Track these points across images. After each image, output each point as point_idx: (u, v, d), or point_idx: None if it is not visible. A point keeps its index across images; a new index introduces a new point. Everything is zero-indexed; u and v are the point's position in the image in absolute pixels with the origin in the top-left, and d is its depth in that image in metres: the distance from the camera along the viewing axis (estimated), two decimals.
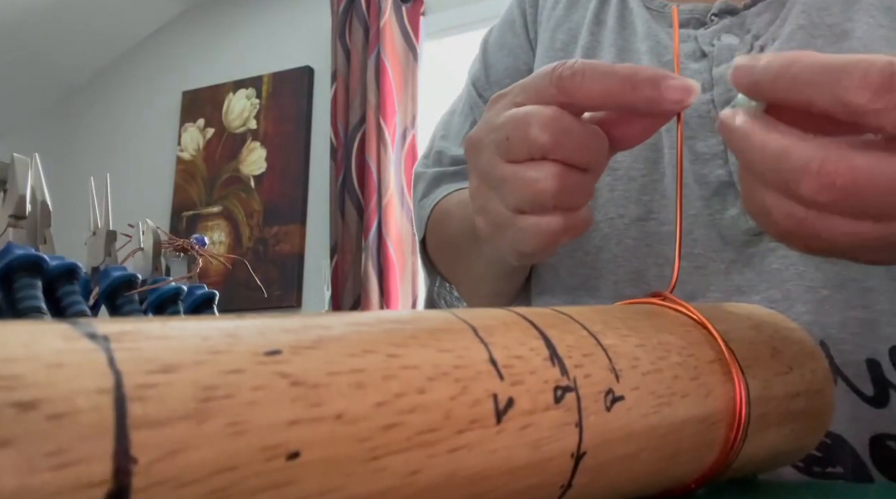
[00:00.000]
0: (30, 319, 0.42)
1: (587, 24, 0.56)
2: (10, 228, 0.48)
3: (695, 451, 0.25)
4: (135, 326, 0.15)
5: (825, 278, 0.43)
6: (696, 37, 0.50)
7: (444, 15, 2.40)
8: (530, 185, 0.32)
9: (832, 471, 0.41)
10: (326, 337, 0.17)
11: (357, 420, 0.16)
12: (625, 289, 0.49)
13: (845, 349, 0.42)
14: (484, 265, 0.50)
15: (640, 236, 0.49)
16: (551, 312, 0.24)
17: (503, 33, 0.64)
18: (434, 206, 0.59)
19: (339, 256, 2.22)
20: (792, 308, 0.43)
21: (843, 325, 0.42)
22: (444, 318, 0.21)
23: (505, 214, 0.34)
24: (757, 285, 0.45)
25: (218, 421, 0.14)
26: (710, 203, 0.47)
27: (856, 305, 0.42)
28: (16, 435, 0.11)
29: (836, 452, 0.41)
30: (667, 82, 0.30)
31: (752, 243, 0.46)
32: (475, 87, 0.63)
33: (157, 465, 0.13)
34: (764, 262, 0.45)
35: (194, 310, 0.59)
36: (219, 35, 2.80)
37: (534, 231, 0.33)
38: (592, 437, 0.21)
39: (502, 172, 0.33)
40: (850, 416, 0.41)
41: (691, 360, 0.25)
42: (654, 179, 0.49)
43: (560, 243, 0.34)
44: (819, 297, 0.43)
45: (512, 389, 0.19)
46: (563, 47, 0.57)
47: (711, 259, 0.46)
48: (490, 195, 0.35)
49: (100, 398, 0.12)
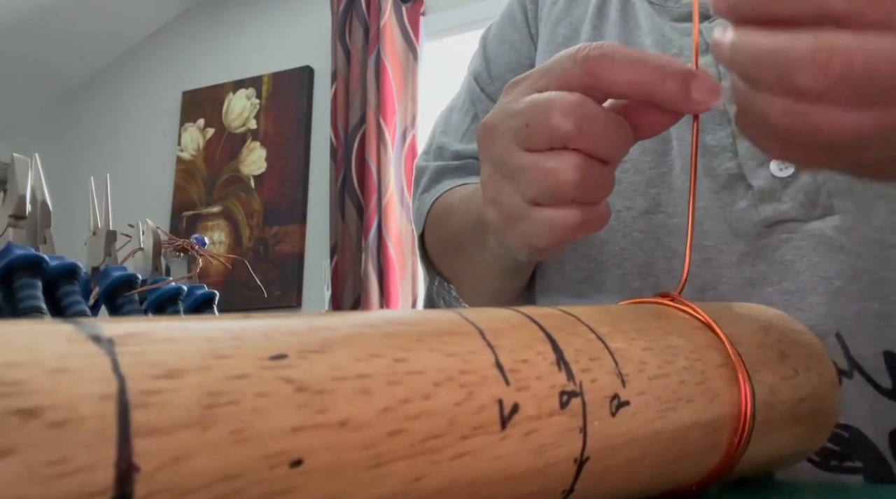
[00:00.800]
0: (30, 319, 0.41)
1: (589, 17, 0.56)
2: (10, 228, 0.48)
3: (698, 455, 0.25)
4: (139, 328, 0.15)
5: (839, 269, 0.42)
6: (701, 30, 0.49)
7: (444, 15, 2.39)
8: (550, 175, 0.30)
9: (850, 465, 0.41)
10: (332, 340, 0.17)
11: (361, 427, 0.16)
12: (633, 282, 0.48)
13: (861, 342, 0.41)
14: (488, 262, 0.48)
15: (648, 229, 0.48)
16: (558, 312, 0.24)
17: (503, 29, 0.64)
18: (434, 201, 0.58)
19: (339, 256, 2.22)
20: (806, 300, 0.43)
21: (858, 316, 0.42)
22: (452, 319, 0.21)
23: (519, 205, 0.32)
24: (769, 277, 0.44)
25: (222, 428, 0.14)
26: (720, 196, 0.46)
27: (871, 297, 0.42)
28: (18, 444, 0.11)
29: (854, 446, 0.41)
30: (697, 82, 0.29)
31: (763, 235, 0.45)
32: (477, 81, 0.63)
33: (159, 473, 0.13)
34: (776, 253, 0.44)
35: (194, 310, 0.59)
36: (219, 35, 2.80)
37: (549, 224, 0.32)
38: (596, 442, 0.21)
39: (520, 160, 0.31)
40: (868, 410, 0.41)
41: (698, 364, 0.25)
42: (662, 171, 0.49)
43: (574, 239, 0.33)
44: (833, 288, 0.42)
45: (518, 394, 0.19)
46: (564, 41, 0.57)
47: (722, 252, 0.46)
48: (504, 185, 0.33)
49: (103, 405, 0.12)
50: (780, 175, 0.45)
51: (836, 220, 0.43)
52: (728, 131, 0.46)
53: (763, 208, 0.45)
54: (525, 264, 0.50)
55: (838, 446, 0.41)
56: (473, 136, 0.61)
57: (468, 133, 0.62)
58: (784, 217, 0.44)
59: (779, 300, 0.43)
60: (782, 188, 0.45)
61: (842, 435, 0.41)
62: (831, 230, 0.43)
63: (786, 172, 0.45)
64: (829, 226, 0.43)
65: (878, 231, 0.42)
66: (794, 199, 0.44)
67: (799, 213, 0.44)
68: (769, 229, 0.45)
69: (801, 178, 0.44)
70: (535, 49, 0.61)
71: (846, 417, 0.41)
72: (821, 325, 0.42)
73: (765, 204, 0.45)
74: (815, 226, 0.43)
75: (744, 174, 0.46)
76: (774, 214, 0.44)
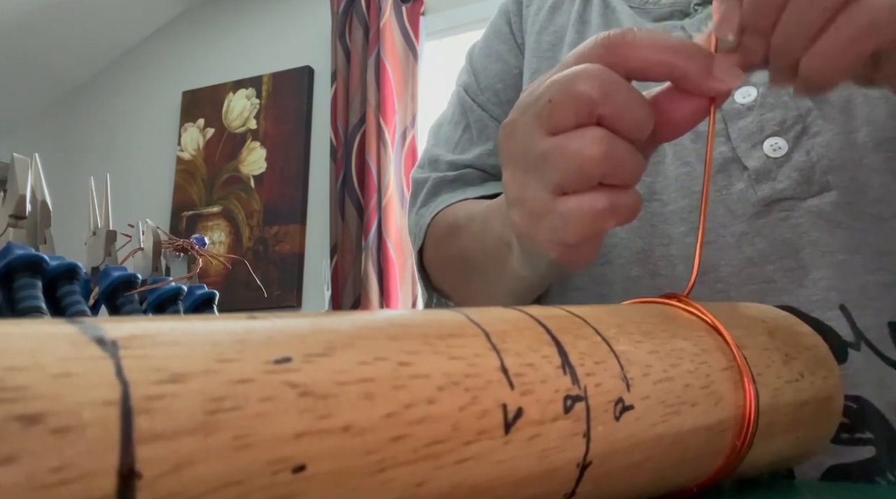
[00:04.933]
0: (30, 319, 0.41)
1: (572, 24, 0.57)
2: (10, 228, 0.48)
3: (700, 458, 0.25)
4: (143, 330, 0.14)
5: (839, 244, 0.43)
6: (682, 26, 0.51)
7: (444, 15, 2.39)
8: (575, 154, 0.29)
9: (861, 437, 0.41)
10: (337, 343, 0.17)
11: (364, 432, 0.16)
12: (631, 270, 0.49)
13: (866, 314, 0.42)
14: (508, 284, 0.46)
15: (644, 217, 0.49)
16: (564, 313, 0.24)
17: (490, 42, 0.65)
18: (434, 216, 0.58)
19: (339, 256, 2.21)
20: (808, 276, 0.43)
21: (861, 289, 0.42)
22: (457, 321, 0.20)
23: (544, 198, 0.31)
24: (770, 256, 0.45)
25: (225, 434, 0.13)
26: (715, 180, 0.47)
27: (873, 269, 0.42)
28: (20, 451, 0.11)
29: (864, 417, 0.41)
30: (718, 61, 0.29)
31: (761, 215, 0.45)
32: (467, 92, 0.64)
33: (162, 480, 0.12)
34: (775, 232, 0.45)
35: (194, 310, 0.59)
36: (219, 35, 2.80)
37: (577, 214, 0.30)
38: (599, 447, 0.21)
39: (542, 146, 0.30)
40: (876, 381, 0.41)
41: (703, 367, 0.25)
42: (656, 160, 0.50)
43: (605, 230, 0.31)
44: (835, 261, 0.43)
45: (522, 399, 0.19)
46: (549, 48, 0.58)
47: (720, 234, 0.46)
48: (527, 181, 0.32)
49: (106, 411, 0.12)
50: (773, 155, 0.46)
51: (833, 195, 0.44)
52: (719, 116, 0.47)
53: (760, 188, 0.46)
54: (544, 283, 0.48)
55: (849, 419, 0.41)
56: (466, 146, 0.62)
57: (461, 143, 0.63)
58: (781, 195, 0.45)
59: (780, 278, 0.44)
60: (777, 168, 0.46)
61: (851, 407, 0.41)
62: (829, 206, 0.44)
63: (779, 152, 0.46)
64: (827, 202, 0.44)
65: (875, 204, 0.43)
66: (790, 177, 0.45)
67: (796, 190, 0.45)
68: (767, 209, 0.45)
69: (795, 157, 0.45)
70: (522, 58, 0.62)
71: (855, 388, 0.41)
72: (824, 299, 0.42)
73: (762, 184, 0.46)
74: (813, 203, 0.44)
75: (738, 157, 0.47)
76: (772, 193, 0.45)
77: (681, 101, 0.31)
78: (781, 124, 0.46)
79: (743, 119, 0.47)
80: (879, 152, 0.44)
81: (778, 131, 0.46)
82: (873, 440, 0.41)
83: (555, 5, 0.60)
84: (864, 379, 0.41)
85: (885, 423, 0.41)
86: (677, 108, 0.31)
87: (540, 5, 0.62)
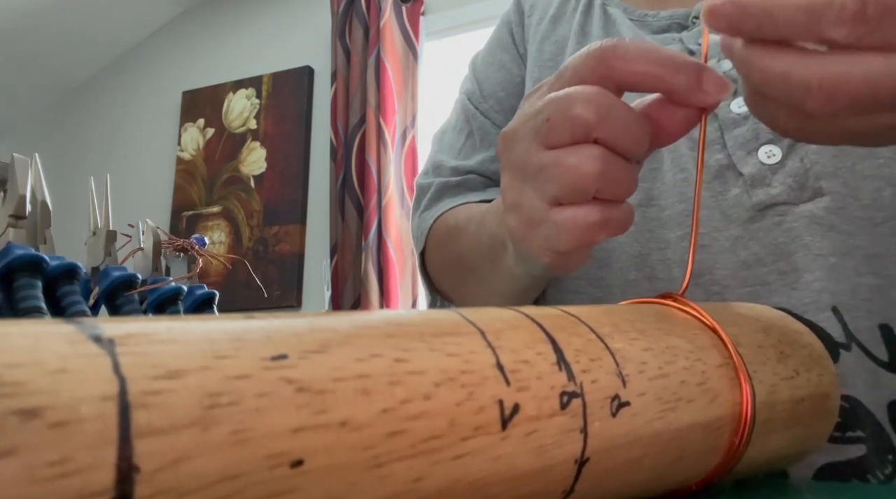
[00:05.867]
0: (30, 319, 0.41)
1: (573, 34, 0.59)
2: (10, 228, 0.48)
3: (698, 455, 0.25)
4: (140, 328, 0.15)
5: (832, 247, 0.44)
6: (680, 38, 0.52)
7: (444, 15, 2.39)
8: (571, 170, 0.30)
9: (853, 435, 0.42)
10: (333, 340, 0.17)
11: (362, 427, 0.16)
12: (629, 273, 0.50)
13: (858, 315, 0.43)
14: (502, 284, 0.47)
15: (642, 222, 0.50)
16: (559, 312, 0.24)
17: (492, 52, 0.66)
18: (436, 219, 0.59)
19: (339, 256, 2.22)
20: (801, 279, 0.44)
21: (853, 291, 0.43)
22: (453, 320, 0.21)
23: (540, 207, 0.32)
24: (764, 259, 0.46)
25: (222, 429, 0.14)
26: (712, 185, 0.48)
27: (865, 272, 0.43)
28: (18, 444, 0.11)
29: (855, 416, 0.42)
30: (707, 73, 0.30)
31: (755, 219, 0.46)
32: (470, 100, 0.65)
33: (160, 474, 0.13)
34: (769, 236, 0.46)
35: (194, 310, 0.59)
36: (219, 35, 2.80)
37: (570, 224, 0.31)
38: (597, 443, 0.21)
39: (540, 159, 0.32)
40: (867, 381, 0.42)
41: (699, 364, 0.25)
42: (653, 166, 0.51)
43: (595, 243, 0.32)
44: (828, 264, 0.44)
45: (518, 395, 0.19)
46: (551, 58, 0.59)
47: (715, 238, 0.47)
48: (524, 189, 0.33)
49: (104, 406, 0.12)
50: (767, 162, 0.47)
51: (826, 201, 0.45)
52: (716, 125, 0.49)
53: (755, 194, 0.47)
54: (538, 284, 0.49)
55: (840, 417, 0.42)
56: (469, 152, 0.63)
57: (464, 149, 0.64)
58: (775, 201, 0.46)
59: (774, 280, 0.45)
60: (771, 174, 0.47)
61: (843, 406, 0.42)
62: (822, 211, 0.45)
63: (773, 159, 0.47)
64: (820, 207, 0.45)
65: (866, 209, 0.44)
66: (784, 183, 0.46)
67: (790, 196, 0.46)
68: (761, 213, 0.46)
69: (788, 163, 0.46)
70: (524, 68, 0.63)
71: (846, 388, 0.42)
72: (817, 301, 0.43)
73: (756, 190, 0.47)
74: (806, 208, 0.45)
75: (734, 164, 0.47)
76: (767, 199, 0.46)
77: (672, 110, 0.31)
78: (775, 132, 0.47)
79: (738, 128, 0.48)
80: (871, 159, 0.45)
81: (772, 139, 0.47)
82: (864, 439, 0.42)
83: (556, 16, 0.62)
84: (855, 379, 0.42)
85: (875, 422, 0.42)
86: (669, 117, 0.31)
87: (542, 16, 0.63)
